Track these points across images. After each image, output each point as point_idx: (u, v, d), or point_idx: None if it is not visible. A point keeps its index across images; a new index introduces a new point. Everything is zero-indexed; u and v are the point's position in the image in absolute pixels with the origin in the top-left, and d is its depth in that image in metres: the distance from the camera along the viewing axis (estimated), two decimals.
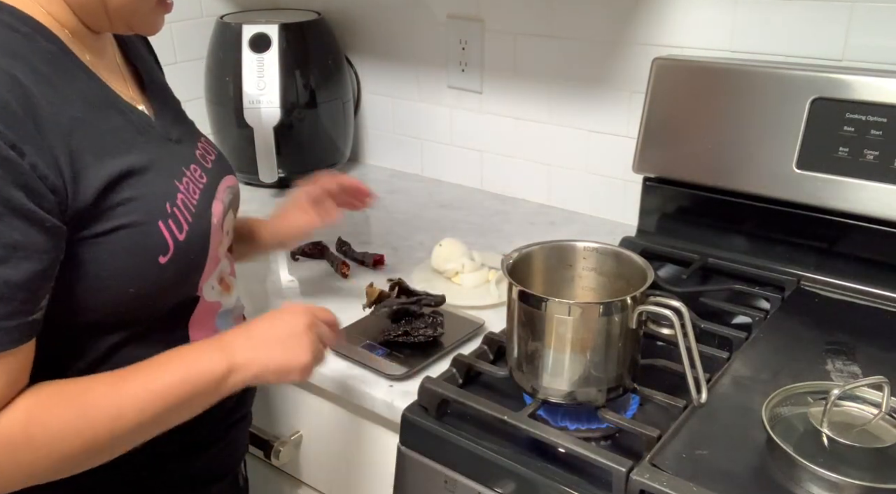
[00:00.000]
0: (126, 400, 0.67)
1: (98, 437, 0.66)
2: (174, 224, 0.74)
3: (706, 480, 0.72)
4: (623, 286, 0.88)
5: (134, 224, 0.70)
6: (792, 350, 0.94)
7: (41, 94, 0.64)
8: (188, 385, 0.70)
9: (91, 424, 0.66)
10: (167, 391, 0.69)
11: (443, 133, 1.59)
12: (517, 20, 1.40)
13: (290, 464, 1.14)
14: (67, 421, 0.65)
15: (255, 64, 1.48)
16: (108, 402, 0.67)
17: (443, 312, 1.03)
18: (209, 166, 0.84)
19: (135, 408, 0.67)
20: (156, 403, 0.68)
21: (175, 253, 0.74)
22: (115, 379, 0.69)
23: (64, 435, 0.65)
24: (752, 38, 1.17)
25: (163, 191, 0.74)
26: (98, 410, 0.66)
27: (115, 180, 0.69)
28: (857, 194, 1.03)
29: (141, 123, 0.76)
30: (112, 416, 0.67)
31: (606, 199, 1.41)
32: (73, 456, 0.66)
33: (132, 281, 0.71)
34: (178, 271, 0.75)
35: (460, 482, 0.85)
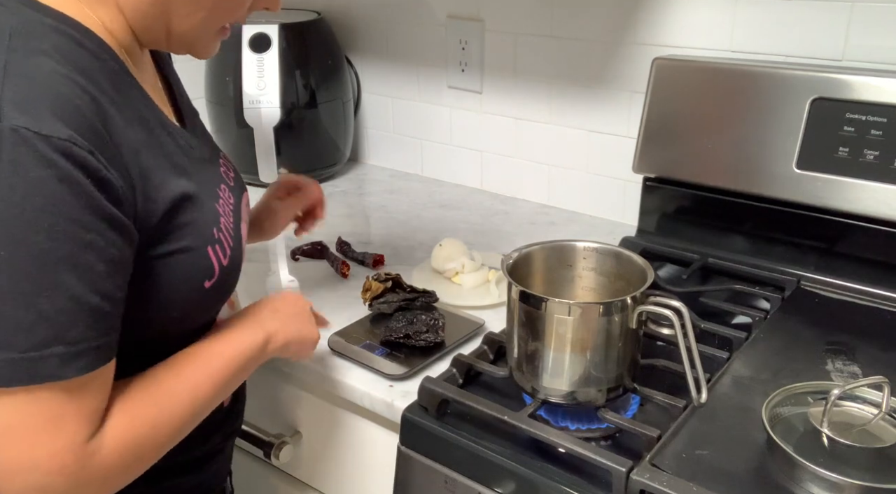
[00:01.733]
0: (196, 386, 0.72)
1: (185, 423, 0.72)
2: (220, 249, 0.74)
3: (706, 480, 0.72)
4: (623, 286, 0.88)
5: (188, 249, 0.70)
6: (792, 350, 0.94)
7: (112, 113, 0.63)
8: (240, 360, 0.77)
9: (181, 414, 0.71)
10: (227, 368, 0.75)
11: (443, 133, 1.59)
12: (517, 20, 1.40)
13: (290, 464, 1.14)
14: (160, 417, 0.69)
15: (255, 64, 1.48)
16: (184, 394, 0.71)
17: (444, 314, 1.03)
18: (232, 184, 0.84)
19: (205, 391, 0.73)
20: (217, 382, 0.74)
21: (219, 278, 0.74)
22: (179, 372, 0.72)
23: (160, 432, 0.69)
24: (752, 38, 1.17)
25: (211, 217, 0.74)
26: (182, 399, 0.71)
27: (177, 203, 0.69)
28: (857, 194, 1.03)
29: (186, 145, 0.75)
30: (190, 404, 0.72)
31: (606, 199, 1.41)
32: (168, 445, 0.71)
33: (178, 306, 0.72)
34: (217, 295, 0.76)
35: (460, 482, 0.85)
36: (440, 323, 1.00)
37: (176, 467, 0.82)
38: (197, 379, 0.72)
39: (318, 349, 1.02)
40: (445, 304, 1.10)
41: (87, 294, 0.60)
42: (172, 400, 0.70)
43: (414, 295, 1.06)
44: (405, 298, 1.06)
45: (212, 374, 0.73)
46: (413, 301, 1.06)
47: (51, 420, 0.60)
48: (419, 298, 1.06)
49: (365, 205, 1.53)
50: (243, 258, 0.81)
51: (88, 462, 0.62)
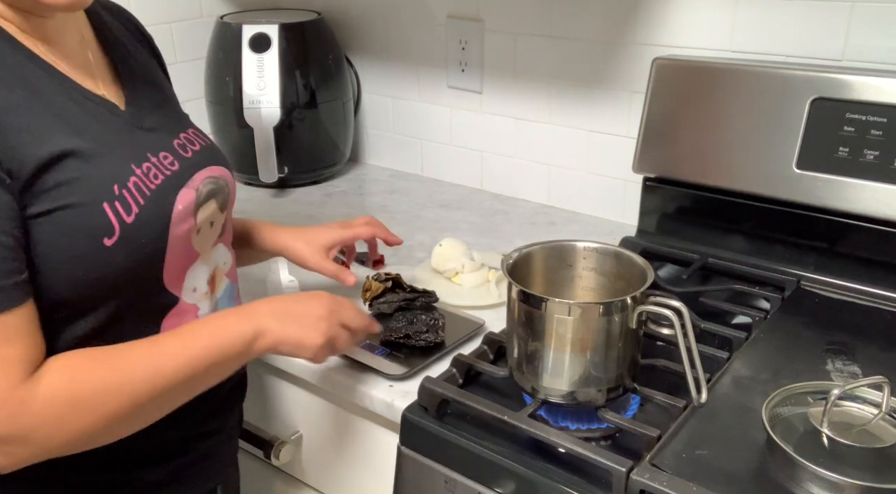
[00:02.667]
0: (162, 360, 0.72)
1: (139, 394, 0.71)
2: (121, 206, 0.74)
3: (706, 480, 0.72)
4: (623, 286, 0.88)
5: (75, 205, 0.70)
6: (792, 350, 0.94)
7: None
8: (219, 348, 0.76)
9: (132, 381, 0.70)
10: (200, 353, 0.74)
11: (443, 133, 1.59)
12: (517, 20, 1.40)
13: (290, 464, 1.14)
14: (110, 379, 0.69)
15: (255, 64, 1.48)
16: (146, 362, 0.72)
17: (444, 314, 1.03)
18: (187, 155, 0.84)
19: (171, 368, 0.72)
20: (190, 364, 0.73)
21: (122, 236, 0.73)
22: (149, 343, 0.74)
23: (108, 392, 0.69)
24: (752, 38, 1.17)
25: (110, 174, 0.74)
26: (137, 368, 0.71)
27: (53, 160, 0.69)
28: (857, 194, 1.03)
29: (98, 111, 0.77)
30: (150, 374, 0.71)
31: (606, 199, 1.41)
32: (118, 414, 0.70)
33: (78, 264, 0.71)
34: (130, 255, 0.75)
35: (460, 482, 0.85)
36: (440, 323, 1.00)
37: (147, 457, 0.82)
38: (162, 355, 0.72)
39: None
40: (445, 304, 1.10)
41: None
42: (126, 370, 0.70)
43: (414, 295, 1.06)
44: (405, 298, 1.06)
45: (179, 355, 0.73)
46: (413, 301, 1.06)
47: None
48: (419, 298, 1.06)
49: (365, 205, 1.53)
50: (176, 222, 0.79)
51: (19, 408, 0.65)
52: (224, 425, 0.93)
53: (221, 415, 0.92)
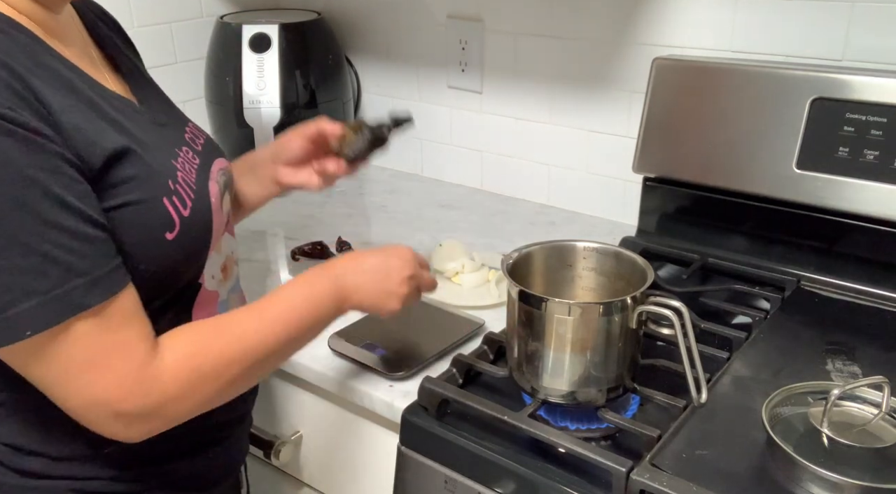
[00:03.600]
0: (269, 328, 0.76)
1: (253, 360, 0.75)
2: (178, 200, 0.75)
3: (706, 480, 0.72)
4: (623, 286, 0.88)
5: (140, 201, 0.71)
6: (792, 350, 0.94)
7: (34, 80, 0.65)
8: (315, 314, 0.80)
9: (245, 349, 0.74)
10: (300, 320, 0.79)
11: (443, 133, 1.59)
12: (517, 20, 1.40)
13: (290, 464, 1.14)
14: (226, 350, 0.73)
15: (255, 64, 1.48)
16: (255, 331, 0.75)
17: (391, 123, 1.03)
18: (199, 149, 0.85)
19: (276, 333, 0.76)
20: (291, 328, 0.78)
21: (181, 230, 0.75)
22: (255, 313, 0.77)
23: (227, 362, 0.73)
24: (752, 38, 1.17)
25: (163, 169, 0.75)
26: (249, 338, 0.75)
27: (116, 156, 0.69)
28: (857, 194, 1.03)
29: (126, 109, 0.76)
30: (261, 342, 0.75)
31: (606, 199, 1.41)
32: (236, 380, 0.74)
33: (143, 259, 0.72)
34: (185, 249, 0.76)
35: (460, 482, 0.85)
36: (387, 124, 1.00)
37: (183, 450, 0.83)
38: (270, 323, 0.76)
39: (318, 349, 1.02)
40: (445, 304, 1.10)
41: (78, 226, 0.63)
42: (240, 339, 0.74)
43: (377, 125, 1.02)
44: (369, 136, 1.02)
45: (281, 322, 0.77)
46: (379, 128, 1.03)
47: (99, 353, 0.65)
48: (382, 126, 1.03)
49: (365, 205, 1.53)
50: (213, 217, 0.81)
51: (151, 385, 0.68)
52: (246, 413, 0.94)
53: (246, 401, 0.93)
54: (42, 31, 0.72)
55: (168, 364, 0.69)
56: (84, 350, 0.64)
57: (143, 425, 0.70)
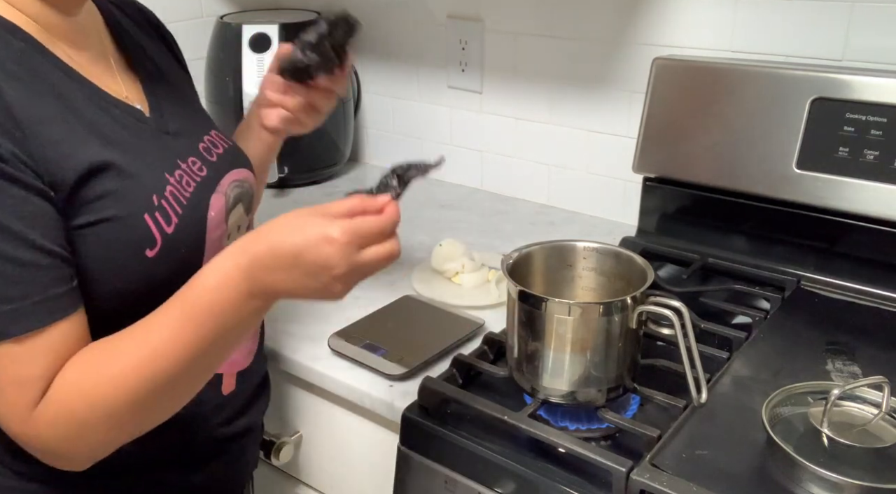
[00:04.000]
0: (156, 342, 0.65)
1: (136, 386, 0.65)
2: (161, 216, 0.72)
3: (706, 480, 0.72)
4: (623, 286, 0.88)
5: (116, 217, 0.69)
6: (792, 350, 0.94)
7: (11, 89, 0.64)
8: (218, 319, 0.66)
9: (124, 372, 0.64)
10: (198, 327, 0.65)
11: (443, 133, 1.59)
12: (517, 20, 1.40)
13: (290, 464, 1.14)
14: (99, 378, 0.65)
15: (255, 64, 1.48)
16: (138, 348, 0.65)
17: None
18: (213, 159, 0.83)
19: (168, 347, 0.65)
20: (188, 340, 0.65)
21: (164, 247, 0.72)
22: (142, 327, 0.67)
23: (102, 391, 0.64)
24: (752, 38, 1.17)
25: (149, 184, 0.73)
26: (129, 357, 0.65)
27: (92, 172, 0.68)
28: (857, 194, 1.03)
29: (126, 118, 0.75)
30: (145, 360, 0.65)
31: (606, 199, 1.40)
32: (120, 411, 0.65)
33: (120, 276, 0.70)
34: (170, 265, 0.73)
35: (460, 482, 0.85)
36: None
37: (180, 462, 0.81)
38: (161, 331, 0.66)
39: (318, 349, 1.02)
40: (445, 304, 1.10)
41: (14, 251, 0.61)
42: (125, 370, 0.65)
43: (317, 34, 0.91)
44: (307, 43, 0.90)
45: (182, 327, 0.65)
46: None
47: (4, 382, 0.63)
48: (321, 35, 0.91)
49: None
50: (210, 229, 0.78)
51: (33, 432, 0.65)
52: (252, 425, 0.91)
53: (248, 415, 0.91)
54: (46, 35, 0.70)
55: (45, 419, 0.64)
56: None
57: (58, 463, 0.68)
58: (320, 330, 1.05)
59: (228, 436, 0.87)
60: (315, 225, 0.66)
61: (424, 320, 1.07)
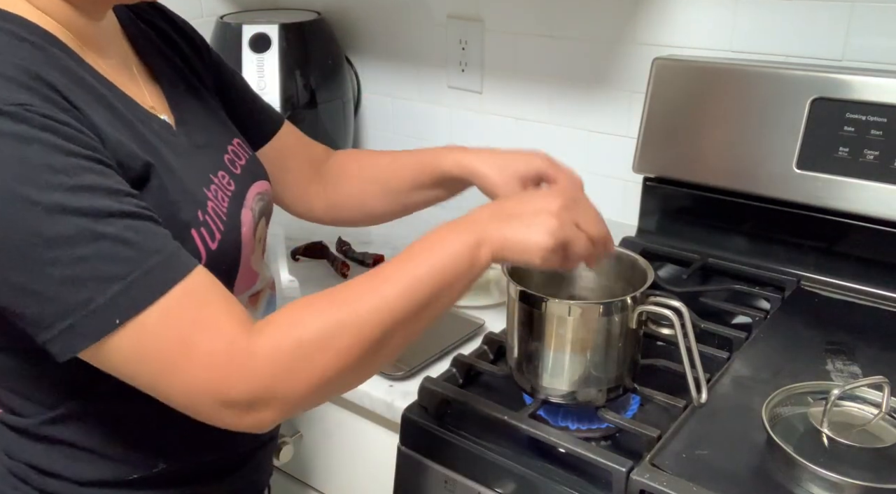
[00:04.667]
0: (384, 288, 0.65)
1: (366, 327, 0.64)
2: (206, 232, 0.71)
3: (706, 480, 0.72)
4: (623, 286, 0.88)
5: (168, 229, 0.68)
6: (792, 350, 0.94)
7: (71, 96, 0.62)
8: (441, 266, 0.67)
9: (356, 313, 0.63)
10: (423, 274, 0.66)
11: (443, 133, 1.59)
12: (517, 20, 1.40)
13: (291, 464, 1.14)
14: (331, 317, 0.63)
15: (255, 64, 1.48)
16: (369, 292, 0.65)
17: None
18: (238, 172, 0.81)
19: (394, 294, 0.65)
20: (414, 287, 0.66)
21: (207, 263, 0.70)
22: (369, 275, 0.67)
23: (333, 330, 0.62)
24: (752, 38, 1.17)
25: (193, 198, 0.71)
26: (359, 300, 0.64)
27: (146, 179, 0.67)
28: (857, 194, 1.03)
29: (162, 131, 0.73)
30: (374, 304, 0.64)
31: (606, 199, 1.40)
32: (349, 352, 0.63)
33: None
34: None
35: (460, 482, 0.85)
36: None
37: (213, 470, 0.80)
38: (384, 282, 0.65)
39: None
40: None
41: (136, 209, 0.60)
42: (347, 303, 0.64)
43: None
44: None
45: (400, 279, 0.66)
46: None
47: (187, 332, 0.59)
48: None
49: None
50: (244, 246, 0.77)
51: (245, 365, 0.60)
52: (273, 434, 0.90)
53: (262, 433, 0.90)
54: (78, 42, 0.68)
55: (265, 338, 0.61)
56: (173, 331, 0.59)
57: (256, 413, 0.62)
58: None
59: (256, 447, 0.86)
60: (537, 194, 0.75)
61: None
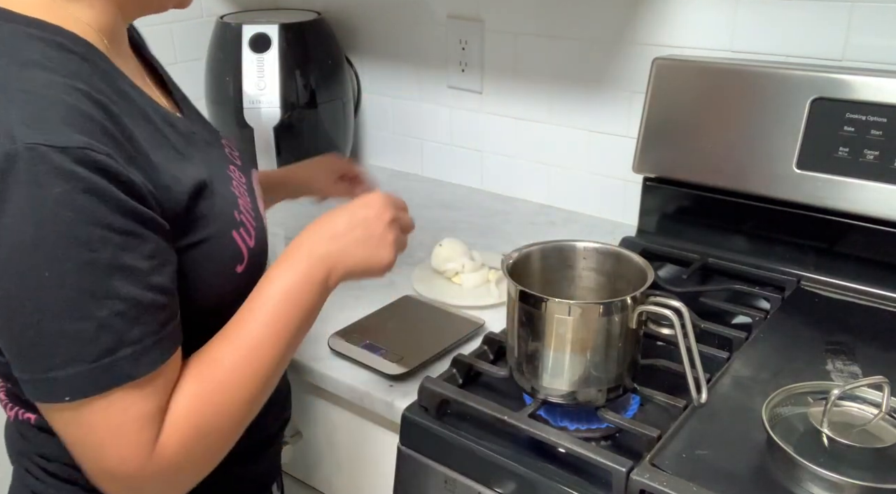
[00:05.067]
0: (255, 349, 0.68)
1: (252, 392, 0.68)
2: (245, 231, 0.73)
3: (706, 480, 0.72)
4: (623, 286, 0.88)
5: (212, 236, 0.70)
6: (792, 350, 0.94)
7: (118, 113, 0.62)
8: (301, 307, 0.71)
9: (240, 386, 0.67)
10: (288, 322, 0.70)
11: (443, 133, 1.59)
12: (517, 20, 1.40)
13: (290, 464, 1.14)
14: (222, 398, 0.67)
15: (255, 64, 1.48)
16: (242, 360, 0.68)
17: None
18: (240, 164, 0.83)
19: (266, 350, 0.69)
20: (278, 335, 0.70)
21: (249, 261, 0.73)
22: (233, 338, 0.69)
23: (225, 410, 0.67)
24: (752, 38, 1.17)
25: (228, 200, 0.73)
26: (239, 372, 0.68)
27: (195, 192, 0.68)
28: (857, 194, 1.03)
29: (188, 131, 0.74)
30: (253, 369, 0.68)
31: (606, 199, 1.41)
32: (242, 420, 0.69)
33: (214, 292, 0.71)
34: (250, 278, 0.74)
35: (460, 482, 0.85)
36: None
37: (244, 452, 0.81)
38: (252, 342, 0.69)
39: (318, 349, 1.02)
40: (445, 304, 1.10)
41: (138, 293, 0.60)
42: (236, 376, 0.67)
43: None
44: None
45: (273, 339, 0.69)
46: None
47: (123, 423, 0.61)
48: None
49: None
50: (267, 236, 0.79)
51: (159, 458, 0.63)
52: (288, 415, 0.94)
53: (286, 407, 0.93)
54: (114, 51, 0.69)
55: (170, 436, 0.64)
56: (113, 418, 0.61)
57: (177, 489, 0.67)
58: (320, 330, 1.05)
59: (277, 429, 0.89)
60: (352, 202, 0.78)
61: (424, 320, 1.07)
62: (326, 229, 0.75)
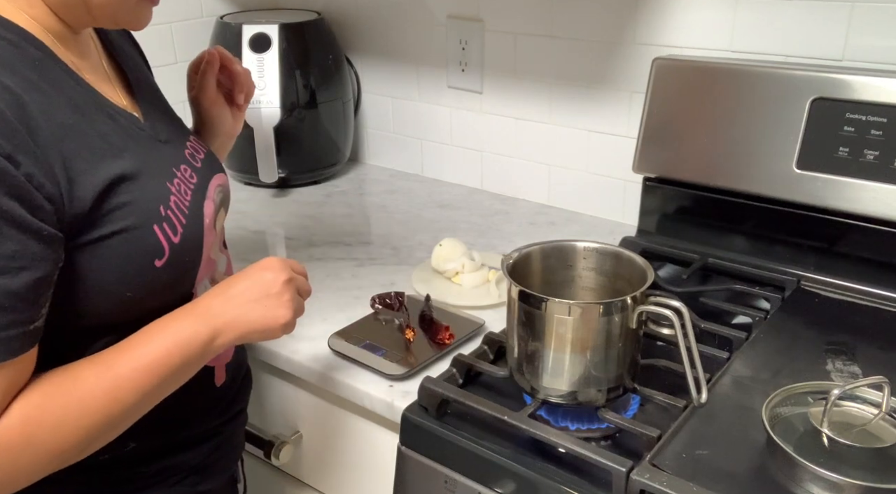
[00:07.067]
0: (118, 383, 0.68)
1: (95, 424, 0.67)
2: (168, 227, 0.74)
3: (706, 480, 0.72)
4: (623, 286, 0.88)
5: (129, 229, 0.70)
6: (792, 350, 0.94)
7: (32, 102, 0.64)
8: (175, 356, 0.71)
9: (88, 412, 0.67)
10: (155, 365, 0.70)
11: (443, 133, 1.59)
12: (517, 20, 1.40)
13: (290, 464, 1.14)
14: (64, 415, 0.66)
15: (255, 64, 1.48)
16: (101, 389, 0.68)
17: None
18: (198, 165, 0.84)
19: (127, 389, 0.69)
20: (146, 379, 0.69)
21: (170, 256, 0.74)
22: (102, 365, 0.69)
23: (62, 429, 0.66)
24: (752, 38, 1.17)
25: (156, 195, 0.74)
26: (92, 398, 0.67)
27: (110, 185, 0.69)
28: (857, 194, 1.03)
29: (130, 126, 0.75)
30: (107, 401, 0.68)
31: (606, 199, 1.41)
32: (74, 447, 0.67)
33: (129, 286, 0.71)
34: (173, 273, 0.75)
35: (460, 482, 0.85)
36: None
37: (177, 444, 0.83)
38: (117, 378, 0.68)
39: (318, 349, 1.02)
40: (445, 304, 1.10)
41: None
42: (82, 401, 0.67)
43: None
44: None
45: (134, 375, 0.69)
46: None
47: None
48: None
49: (365, 205, 1.53)
50: (205, 236, 0.80)
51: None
52: (242, 409, 0.95)
53: (238, 401, 0.93)
54: (60, 43, 0.71)
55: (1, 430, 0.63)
56: None
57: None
58: (320, 330, 1.05)
59: (224, 422, 0.89)
60: (250, 267, 0.79)
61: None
62: (224, 290, 0.76)
